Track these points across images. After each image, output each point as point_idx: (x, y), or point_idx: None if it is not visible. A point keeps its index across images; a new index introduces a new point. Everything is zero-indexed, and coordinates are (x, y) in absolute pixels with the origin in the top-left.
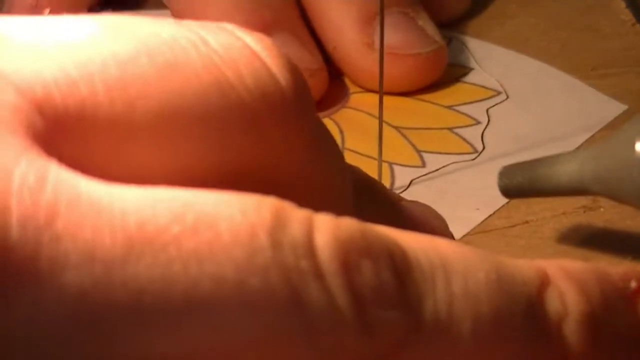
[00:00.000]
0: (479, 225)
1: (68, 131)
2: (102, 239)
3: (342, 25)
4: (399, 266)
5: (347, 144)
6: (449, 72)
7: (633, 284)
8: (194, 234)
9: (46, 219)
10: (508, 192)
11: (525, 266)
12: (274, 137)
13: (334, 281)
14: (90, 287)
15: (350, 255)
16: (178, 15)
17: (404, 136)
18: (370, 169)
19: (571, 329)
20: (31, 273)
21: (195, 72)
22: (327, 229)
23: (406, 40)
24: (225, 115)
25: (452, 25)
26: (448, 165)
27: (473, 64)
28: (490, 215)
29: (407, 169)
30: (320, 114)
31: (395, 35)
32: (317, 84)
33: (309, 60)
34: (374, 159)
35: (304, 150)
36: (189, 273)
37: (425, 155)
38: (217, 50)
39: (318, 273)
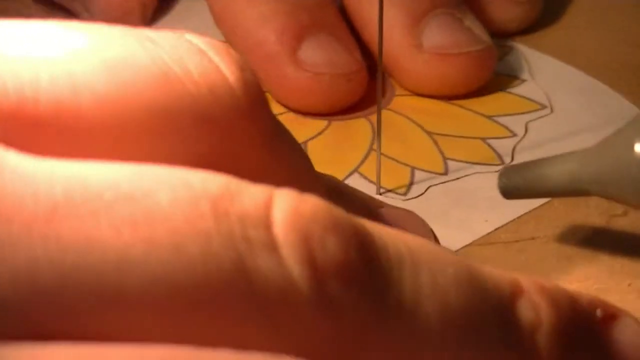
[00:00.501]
0: (483, 236)
1: (17, 124)
2: (23, 203)
3: (388, 27)
4: (366, 247)
5: (376, 146)
6: (498, 82)
7: (598, 312)
8: (128, 201)
9: None
10: (507, 192)
11: (498, 274)
12: (226, 132)
13: (289, 252)
14: (7, 247)
15: (313, 229)
16: (217, 16)
17: (435, 142)
18: (394, 171)
19: (544, 340)
20: None
21: (144, 66)
22: (288, 202)
23: (454, 40)
24: (175, 108)
25: (515, 36)
26: (470, 175)
27: (526, 75)
28: (497, 228)
29: (428, 174)
30: (358, 114)
31: (442, 35)
32: (356, 85)
33: (348, 62)
34: (400, 162)
35: (261, 148)
36: (120, 237)
37: (450, 162)
38: (164, 47)
39: (270, 244)
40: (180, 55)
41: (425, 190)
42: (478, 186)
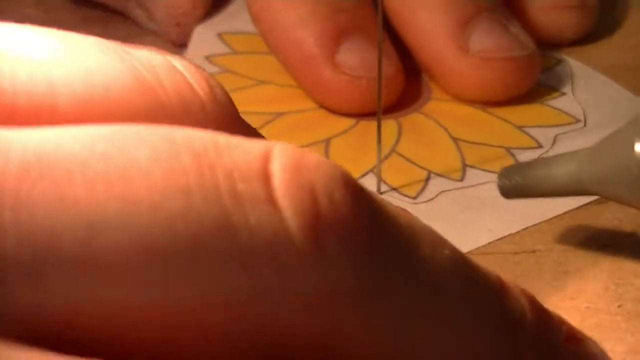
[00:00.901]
0: (484, 246)
1: None
2: None
3: (433, 30)
4: (375, 207)
5: (399, 148)
6: (537, 93)
7: (564, 329)
8: (104, 158)
9: None
10: (507, 192)
11: (486, 269)
12: None
13: (288, 203)
14: None
15: (318, 180)
16: (255, 14)
17: (458, 148)
18: (409, 173)
19: (527, 337)
20: None
21: (119, 72)
22: (289, 154)
23: (500, 44)
24: (148, 115)
25: (566, 47)
26: (485, 183)
27: (567, 89)
28: (499, 239)
29: (443, 180)
30: (389, 115)
31: (489, 39)
32: (392, 89)
33: (385, 65)
34: (417, 165)
35: None
36: (94, 195)
37: (469, 169)
38: (138, 58)
39: (265, 197)
40: (154, 66)
41: (436, 196)
42: (490, 195)
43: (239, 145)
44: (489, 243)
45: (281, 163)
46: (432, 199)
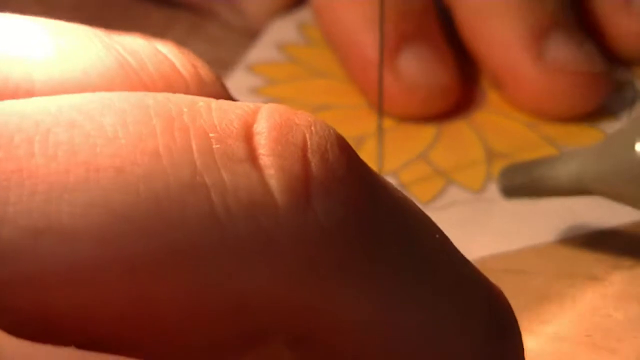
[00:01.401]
0: (477, 259)
1: None
2: None
3: (508, 38)
4: (369, 175)
5: (428, 153)
6: (592, 115)
7: None
8: (68, 126)
9: None
10: (508, 192)
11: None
12: None
13: (271, 161)
14: None
15: (309, 138)
16: (318, 10)
17: (488, 161)
18: (427, 179)
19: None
20: None
21: (99, 56)
22: (278, 113)
23: (575, 57)
24: None
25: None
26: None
27: (625, 114)
28: (494, 255)
29: (460, 190)
30: (433, 120)
31: (563, 51)
32: (449, 98)
33: (445, 75)
34: (441, 173)
35: None
36: (55, 164)
37: (490, 183)
38: (119, 41)
39: (245, 155)
40: (136, 49)
41: (448, 204)
42: (502, 210)
43: (220, 107)
44: (482, 257)
45: (269, 122)
46: (442, 207)
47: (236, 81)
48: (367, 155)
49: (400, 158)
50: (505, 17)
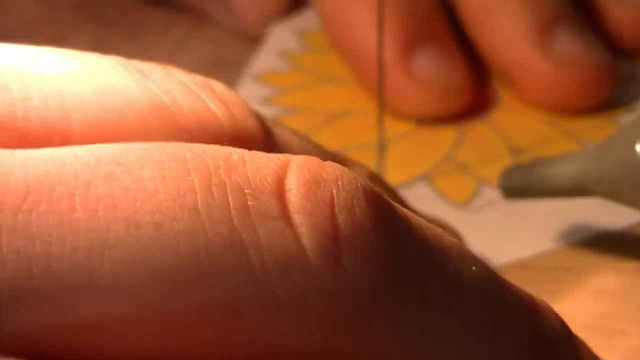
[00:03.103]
0: (522, 259)
1: (5, 138)
2: None
3: (514, 33)
4: (399, 223)
5: (454, 155)
6: (607, 109)
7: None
8: (107, 179)
9: None
10: (509, 193)
11: (518, 288)
12: None
13: (303, 219)
14: None
15: (337, 193)
16: (326, 17)
17: (514, 158)
18: (461, 183)
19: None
20: None
21: (133, 95)
22: (307, 167)
23: (582, 50)
24: (166, 139)
25: None
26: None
27: (638, 107)
28: (539, 253)
29: (494, 190)
30: (451, 122)
31: (569, 44)
32: (464, 96)
33: (457, 74)
34: (472, 175)
35: None
36: (96, 219)
37: None
38: (154, 80)
39: (278, 213)
40: (170, 88)
41: (484, 205)
42: (536, 209)
43: (254, 160)
44: (528, 256)
45: (298, 177)
46: (478, 208)
47: (246, 92)
48: (391, 158)
49: (427, 161)
50: (510, 13)
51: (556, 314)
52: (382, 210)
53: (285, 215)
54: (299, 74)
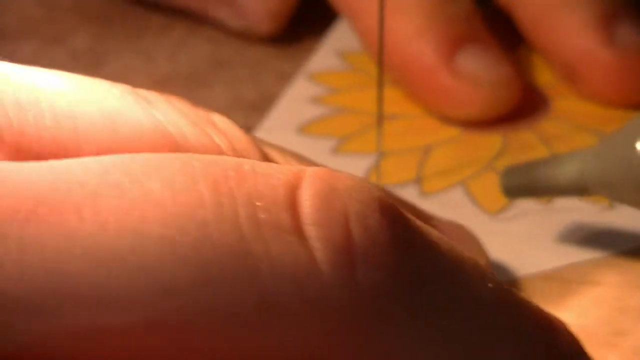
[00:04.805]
0: (548, 270)
1: (19, 155)
2: (2, 203)
3: (577, 29)
4: (413, 234)
5: (497, 163)
6: None
7: None
8: (116, 189)
9: None
10: (509, 192)
11: (534, 304)
12: None
13: (315, 232)
14: None
15: (350, 205)
16: (363, 33)
17: None
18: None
19: None
20: None
21: (142, 124)
22: (319, 178)
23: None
24: None
25: None
26: (572, 209)
27: None
28: (566, 265)
29: (531, 201)
30: (499, 128)
31: (631, 35)
32: (514, 92)
33: (504, 70)
34: None
35: None
36: (105, 230)
37: None
38: (159, 109)
39: (290, 225)
40: (175, 119)
41: (517, 215)
42: (570, 221)
43: (265, 171)
44: (554, 268)
45: (311, 190)
46: (511, 217)
47: (297, 90)
48: (435, 163)
49: (468, 168)
50: (573, 8)
51: (571, 333)
52: (396, 222)
53: (297, 227)
54: (355, 74)
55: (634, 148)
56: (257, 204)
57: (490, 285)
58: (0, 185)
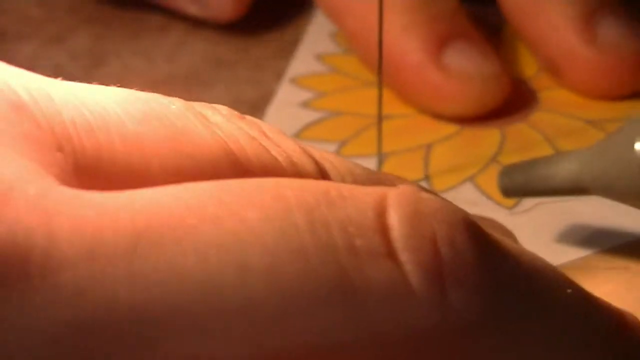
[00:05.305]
0: (576, 260)
1: (88, 170)
2: (103, 236)
3: (560, 24)
4: (500, 254)
5: (500, 157)
6: None
7: None
8: (214, 222)
9: (39, 220)
10: (508, 192)
11: (605, 302)
12: None
13: (409, 257)
14: (89, 286)
15: (438, 228)
16: (352, 35)
17: None
18: None
19: None
20: (19, 275)
21: (205, 141)
22: (405, 202)
23: (627, 36)
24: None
25: None
26: (584, 199)
27: None
28: (593, 253)
29: None
30: (493, 123)
31: (614, 31)
32: (504, 87)
33: (492, 65)
34: None
35: None
36: (208, 264)
37: None
38: (219, 126)
39: (384, 251)
40: (233, 133)
41: (533, 207)
42: (587, 211)
43: (351, 195)
44: (582, 257)
45: (399, 214)
46: (528, 210)
47: (284, 96)
48: (439, 161)
49: (473, 164)
50: (556, 2)
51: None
52: (481, 241)
53: (390, 252)
54: (336, 75)
55: (633, 148)
56: (350, 229)
57: (569, 290)
58: (104, 218)
